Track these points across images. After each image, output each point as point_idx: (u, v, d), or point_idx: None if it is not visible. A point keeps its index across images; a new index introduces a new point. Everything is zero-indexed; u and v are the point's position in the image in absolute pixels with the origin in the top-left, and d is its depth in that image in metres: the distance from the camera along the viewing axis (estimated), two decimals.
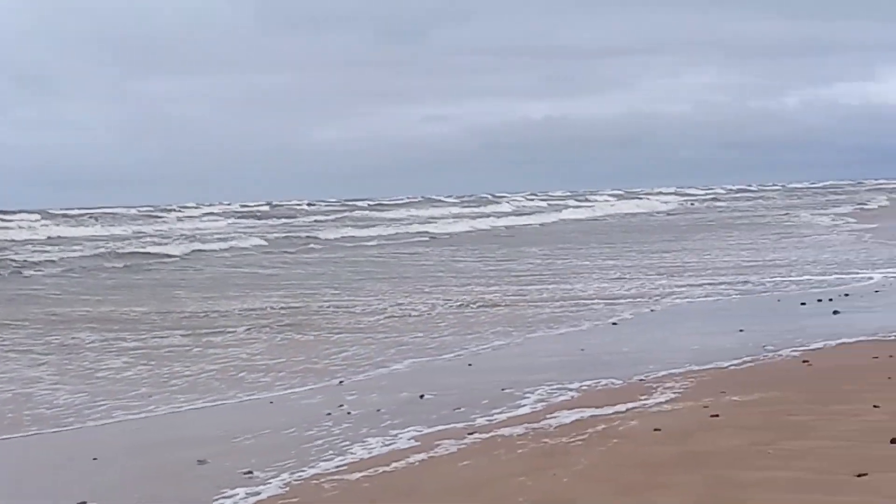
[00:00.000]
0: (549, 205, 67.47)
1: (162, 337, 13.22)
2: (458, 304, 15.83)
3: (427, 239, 36.23)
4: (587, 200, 75.57)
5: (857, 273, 18.16)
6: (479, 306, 15.44)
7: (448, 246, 31.88)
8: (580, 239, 34.00)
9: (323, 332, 13.29)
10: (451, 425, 7.75)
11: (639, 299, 15.79)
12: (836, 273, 18.42)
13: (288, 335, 13.18)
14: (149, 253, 29.01)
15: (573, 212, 57.54)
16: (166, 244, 32.30)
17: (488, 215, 53.02)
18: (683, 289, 17.03)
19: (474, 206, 64.26)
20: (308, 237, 36.51)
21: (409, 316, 14.68)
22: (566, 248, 28.96)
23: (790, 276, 18.26)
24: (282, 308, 15.90)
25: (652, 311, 14.55)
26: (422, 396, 8.97)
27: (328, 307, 15.96)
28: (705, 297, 15.88)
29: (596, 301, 15.73)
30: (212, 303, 16.88)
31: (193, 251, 29.70)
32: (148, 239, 36.84)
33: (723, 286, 17.14)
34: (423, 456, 6.92)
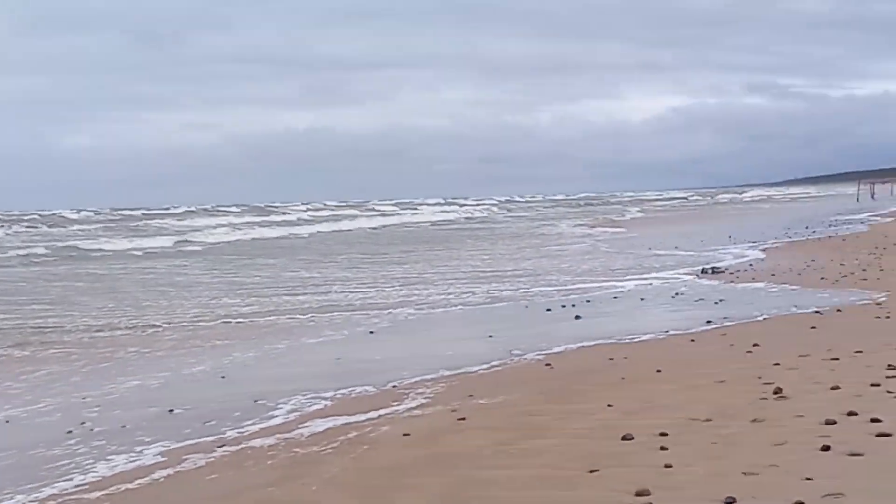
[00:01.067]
0: (332, 214, 67.30)
1: None
2: (200, 317, 15.56)
3: (200, 249, 35.36)
4: (374, 210, 76.18)
5: (602, 280, 19.20)
6: (221, 320, 15.18)
7: (208, 258, 31.16)
8: (343, 250, 34.11)
9: (62, 348, 12.68)
10: (201, 439, 7.61)
11: (392, 309, 16.03)
12: (582, 281, 19.41)
13: (10, 351, 12.51)
14: None
15: (357, 221, 57.90)
16: None
17: (268, 224, 52.52)
18: (440, 296, 17.44)
19: (253, 216, 63.22)
20: (64, 247, 34.69)
21: (150, 329, 14.27)
22: (326, 259, 28.99)
23: (539, 284, 19.06)
24: (7, 324, 15.02)
25: (407, 318, 14.80)
26: (171, 411, 8.74)
27: (64, 322, 15.16)
28: (460, 304, 16.31)
29: (354, 311, 15.86)
30: None
31: None
32: None
33: (477, 293, 17.69)
34: (169, 471, 6.75)
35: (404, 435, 7.30)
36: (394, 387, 9.33)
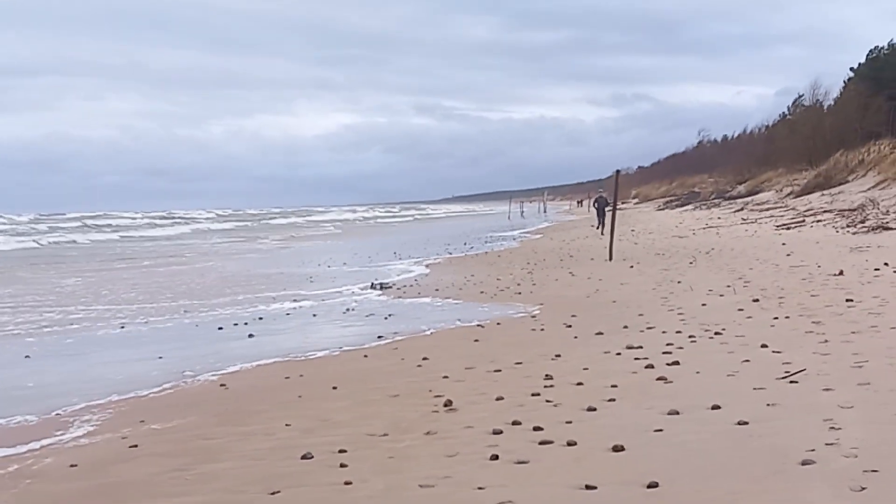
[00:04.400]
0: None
1: None
2: None
3: None
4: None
5: (273, 297, 19.12)
6: None
7: None
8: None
9: None
10: None
11: (47, 330, 15.10)
12: (254, 298, 19.23)
13: None
14: None
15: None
16: None
17: None
18: (103, 320, 16.63)
19: None
20: None
21: None
22: None
23: (211, 303, 18.67)
24: None
25: (66, 340, 13.97)
26: None
27: None
28: (123, 325, 15.62)
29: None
30: None
31: None
32: None
33: (143, 313, 17.04)
34: None
35: (70, 466, 6.89)
36: (58, 415, 8.78)
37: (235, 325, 14.91)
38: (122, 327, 15.27)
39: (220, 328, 14.64)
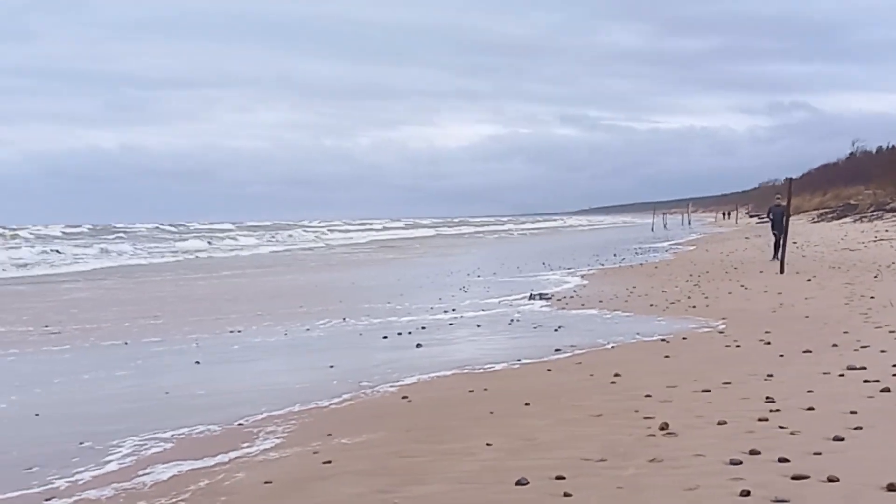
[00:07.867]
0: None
1: None
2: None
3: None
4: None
5: (429, 306, 18.65)
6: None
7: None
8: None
9: None
10: (25, 491, 6.45)
11: (211, 336, 14.93)
12: (409, 306, 18.81)
13: None
14: None
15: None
16: None
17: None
18: (266, 325, 16.44)
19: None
20: None
21: None
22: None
23: (362, 310, 18.31)
24: None
25: (232, 347, 13.74)
26: None
27: None
28: (285, 331, 15.35)
29: (166, 336, 14.65)
30: None
31: None
32: None
33: (304, 319, 16.78)
34: None
35: (265, 483, 6.39)
36: (240, 425, 8.37)
37: (399, 334, 14.45)
38: (286, 334, 15.00)
39: (385, 337, 14.19)
